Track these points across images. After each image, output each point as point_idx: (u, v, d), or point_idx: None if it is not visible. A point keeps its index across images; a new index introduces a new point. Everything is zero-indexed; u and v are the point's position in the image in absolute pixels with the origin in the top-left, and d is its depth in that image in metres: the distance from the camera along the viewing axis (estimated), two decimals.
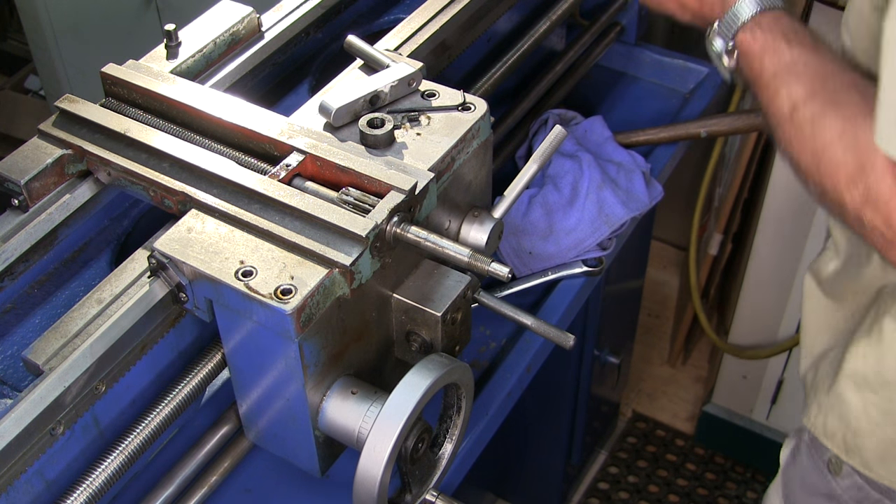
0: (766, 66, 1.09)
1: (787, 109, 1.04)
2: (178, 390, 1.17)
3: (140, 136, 1.23)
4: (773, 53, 1.08)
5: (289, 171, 1.16)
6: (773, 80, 1.07)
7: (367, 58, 1.36)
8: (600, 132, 1.80)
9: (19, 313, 1.30)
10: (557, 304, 1.57)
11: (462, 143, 1.21)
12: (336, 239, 1.07)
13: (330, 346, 1.10)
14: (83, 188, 1.28)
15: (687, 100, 2.01)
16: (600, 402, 2.58)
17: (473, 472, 1.40)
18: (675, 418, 2.95)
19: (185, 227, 1.11)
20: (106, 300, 1.13)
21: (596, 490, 2.76)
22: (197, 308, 1.12)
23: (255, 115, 1.24)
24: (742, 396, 2.73)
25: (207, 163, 1.18)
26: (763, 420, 2.72)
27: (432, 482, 1.20)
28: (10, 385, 1.23)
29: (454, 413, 1.21)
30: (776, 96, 1.06)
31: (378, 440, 1.06)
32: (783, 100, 1.05)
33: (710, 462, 2.83)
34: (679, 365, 3.08)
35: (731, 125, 1.87)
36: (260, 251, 1.08)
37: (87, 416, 1.11)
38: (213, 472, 1.26)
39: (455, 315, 1.20)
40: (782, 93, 1.05)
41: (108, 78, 1.32)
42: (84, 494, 1.08)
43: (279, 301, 1.01)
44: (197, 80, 1.40)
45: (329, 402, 1.14)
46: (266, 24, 1.53)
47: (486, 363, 1.47)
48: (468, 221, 1.29)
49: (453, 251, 1.10)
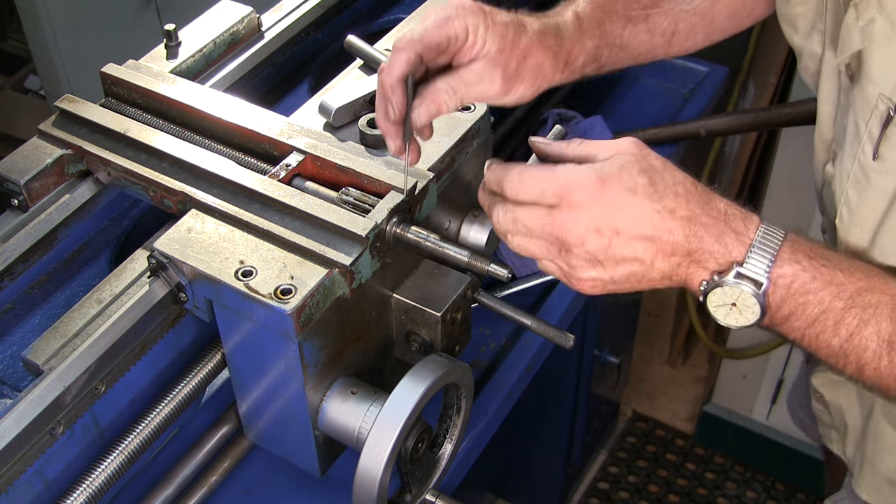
0: (828, 300, 0.96)
1: (878, 345, 0.96)
2: (177, 390, 1.17)
3: (140, 136, 1.23)
4: (835, 285, 0.95)
5: (289, 171, 1.16)
6: (846, 314, 0.96)
7: (367, 58, 1.36)
8: (600, 132, 1.80)
9: (19, 313, 1.30)
10: (557, 304, 1.57)
11: (462, 143, 1.21)
12: (336, 239, 1.07)
13: (330, 346, 1.10)
14: (83, 188, 1.28)
15: (687, 100, 2.01)
16: (600, 402, 2.58)
17: (473, 472, 1.40)
18: (675, 418, 2.95)
19: (184, 227, 1.11)
20: (106, 300, 1.13)
21: (596, 490, 2.76)
22: (197, 308, 1.12)
23: (255, 115, 1.24)
24: (742, 396, 2.73)
25: (207, 163, 1.18)
26: (763, 420, 2.72)
27: (432, 482, 1.20)
28: (10, 385, 1.23)
29: (454, 413, 1.21)
30: (857, 333, 0.96)
31: (378, 440, 1.06)
32: (870, 335, 0.95)
33: (709, 462, 2.83)
34: (679, 365, 3.08)
35: (731, 125, 1.87)
36: (260, 251, 1.08)
37: (87, 416, 1.11)
38: (213, 472, 1.26)
39: (455, 315, 1.20)
40: (869, 329, 0.95)
41: (107, 78, 1.32)
42: (84, 494, 1.08)
43: (279, 301, 1.01)
44: (197, 80, 1.40)
45: (329, 402, 1.14)
46: (266, 24, 1.53)
47: (486, 363, 1.47)
48: (468, 221, 1.29)
49: (453, 251, 1.10)
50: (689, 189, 0.97)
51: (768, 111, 1.89)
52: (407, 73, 1.00)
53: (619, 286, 0.99)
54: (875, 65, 1.02)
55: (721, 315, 0.98)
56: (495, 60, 1.06)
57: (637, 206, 0.95)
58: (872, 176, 1.05)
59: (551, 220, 0.96)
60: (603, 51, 1.23)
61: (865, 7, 1.00)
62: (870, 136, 1.04)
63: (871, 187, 1.05)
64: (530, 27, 1.10)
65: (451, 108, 1.04)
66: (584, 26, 1.19)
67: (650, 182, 0.95)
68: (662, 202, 0.95)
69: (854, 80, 1.07)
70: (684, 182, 0.97)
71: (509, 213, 0.99)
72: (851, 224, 1.11)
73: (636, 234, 0.95)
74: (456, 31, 1.03)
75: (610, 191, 0.94)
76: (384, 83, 1.01)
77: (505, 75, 1.07)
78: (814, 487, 2.68)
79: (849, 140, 1.09)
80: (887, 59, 1.00)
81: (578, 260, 0.97)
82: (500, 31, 1.05)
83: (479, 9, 1.05)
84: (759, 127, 1.92)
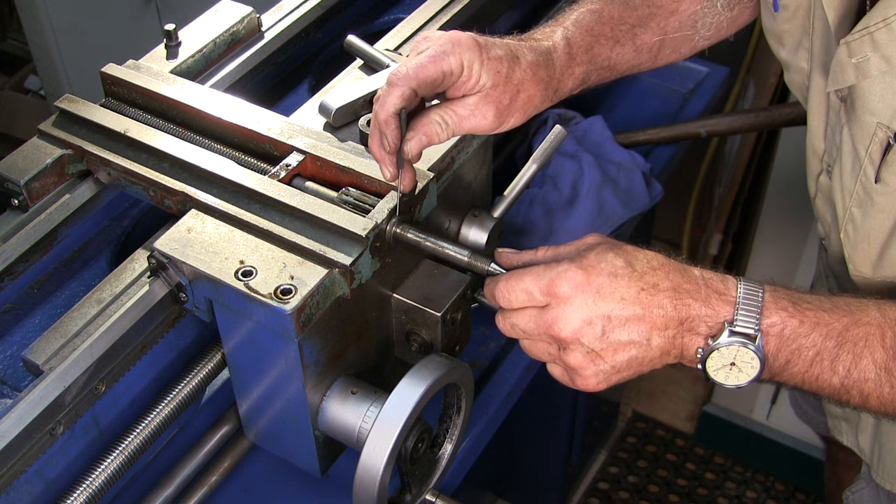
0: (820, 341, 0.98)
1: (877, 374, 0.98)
2: (177, 390, 1.17)
3: (140, 136, 1.23)
4: (823, 325, 0.97)
5: (289, 171, 1.16)
6: (840, 352, 0.97)
7: (367, 58, 1.36)
8: (600, 132, 1.80)
9: (19, 313, 1.30)
10: None
11: (462, 143, 1.21)
12: (336, 239, 1.07)
13: (330, 346, 1.10)
14: (83, 188, 1.28)
15: (687, 100, 2.01)
16: (600, 402, 2.58)
17: (473, 472, 1.40)
18: (675, 418, 2.95)
19: (185, 227, 1.11)
20: (106, 300, 1.13)
21: (596, 490, 2.76)
22: (197, 308, 1.12)
23: (255, 115, 1.24)
24: (742, 396, 2.73)
25: (207, 163, 1.18)
26: (763, 420, 2.72)
27: (432, 482, 1.20)
28: (10, 385, 1.22)
29: (454, 413, 1.21)
30: (854, 367, 0.98)
31: (378, 440, 1.06)
32: (867, 366, 0.97)
33: (709, 462, 2.83)
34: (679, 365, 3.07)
35: (731, 125, 1.87)
36: (260, 251, 1.08)
37: (87, 416, 1.11)
38: (213, 472, 1.26)
39: (455, 315, 1.20)
40: (864, 361, 0.97)
41: (108, 78, 1.32)
42: (84, 494, 1.08)
43: (279, 301, 1.01)
44: (197, 80, 1.40)
45: (329, 402, 1.14)
46: (266, 24, 1.53)
47: (486, 363, 1.47)
48: (468, 221, 1.29)
49: (453, 251, 1.10)
50: (664, 262, 1.00)
51: (768, 111, 1.89)
52: (401, 108, 1.02)
53: (622, 375, 1.01)
54: (872, 97, 1.03)
55: (722, 377, 1.00)
56: (489, 96, 1.07)
57: (622, 289, 0.97)
58: (876, 198, 1.08)
59: (543, 320, 0.99)
60: (591, 74, 1.26)
61: (858, 46, 1.02)
62: (871, 161, 1.06)
63: (875, 208, 1.08)
64: (524, 59, 1.12)
65: (443, 139, 1.07)
66: (574, 52, 1.21)
67: (627, 263, 0.98)
68: (644, 279, 0.97)
69: (848, 106, 1.09)
70: (657, 257, 1.00)
71: (508, 320, 1.02)
72: (857, 240, 1.13)
73: (627, 317, 0.97)
74: (451, 66, 1.04)
75: (594, 278, 0.97)
76: (378, 116, 1.03)
77: (498, 110, 1.08)
78: (814, 487, 2.68)
79: (847, 160, 1.11)
80: (884, 91, 1.02)
81: (577, 358, 0.99)
82: (494, 66, 1.07)
83: (474, 44, 1.06)
84: (759, 127, 1.92)
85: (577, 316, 0.97)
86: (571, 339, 0.98)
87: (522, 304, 1.00)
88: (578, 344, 0.98)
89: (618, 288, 0.97)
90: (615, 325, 0.97)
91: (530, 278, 0.99)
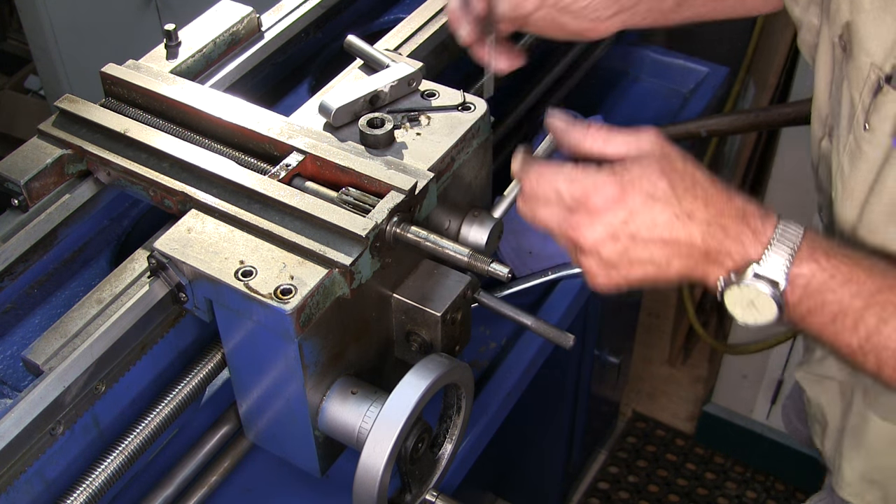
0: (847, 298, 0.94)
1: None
2: (178, 390, 1.17)
3: (140, 136, 1.23)
4: (854, 283, 0.94)
5: (289, 171, 1.16)
6: (866, 313, 0.94)
7: (367, 58, 1.36)
8: None
9: (19, 313, 1.30)
10: (557, 304, 1.57)
11: (462, 143, 1.21)
12: (336, 239, 1.07)
13: (330, 346, 1.10)
14: (83, 188, 1.28)
15: (687, 100, 2.01)
16: (600, 402, 2.58)
17: (473, 472, 1.40)
18: (674, 418, 2.95)
19: (185, 227, 1.11)
20: (106, 300, 1.13)
21: (596, 490, 2.76)
22: (197, 308, 1.12)
23: (255, 115, 1.24)
24: (742, 396, 2.73)
25: (207, 163, 1.18)
26: (763, 420, 2.72)
27: (432, 482, 1.20)
28: (10, 385, 1.23)
29: (454, 413, 1.21)
30: (877, 332, 0.94)
31: (378, 440, 1.06)
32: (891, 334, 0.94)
33: (709, 462, 2.83)
34: (679, 365, 3.08)
35: (731, 125, 1.87)
36: (260, 251, 1.08)
37: (87, 417, 1.11)
38: (213, 472, 1.26)
39: (455, 315, 1.20)
40: (889, 327, 0.93)
41: (108, 78, 1.32)
42: (84, 494, 1.08)
43: (279, 301, 1.01)
44: (197, 80, 1.40)
45: (329, 402, 1.14)
46: (266, 24, 1.53)
47: (486, 363, 1.47)
48: (468, 221, 1.29)
49: (453, 251, 1.10)
50: (709, 190, 0.96)
51: (768, 111, 1.89)
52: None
53: (633, 285, 0.99)
54: (865, 34, 1.02)
55: (739, 312, 0.97)
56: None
57: (656, 212, 0.94)
58: (864, 146, 1.04)
59: (568, 223, 0.96)
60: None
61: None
62: (863, 107, 1.03)
63: (861, 159, 1.05)
64: None
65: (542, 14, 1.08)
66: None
67: (670, 185, 0.95)
68: (681, 206, 0.94)
69: (847, 51, 1.07)
70: (703, 182, 0.96)
71: (531, 209, 1.00)
72: (844, 197, 1.10)
73: (653, 238, 0.95)
74: None
75: (630, 197, 0.94)
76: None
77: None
78: (814, 487, 2.68)
79: (845, 110, 1.08)
80: (876, 28, 1.00)
81: (591, 265, 0.98)
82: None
83: None
84: (759, 127, 1.92)
85: (602, 229, 0.94)
86: (591, 249, 0.95)
87: (549, 200, 0.97)
88: (597, 253, 0.96)
89: (651, 210, 0.94)
90: (638, 245, 0.94)
91: (564, 180, 0.96)
